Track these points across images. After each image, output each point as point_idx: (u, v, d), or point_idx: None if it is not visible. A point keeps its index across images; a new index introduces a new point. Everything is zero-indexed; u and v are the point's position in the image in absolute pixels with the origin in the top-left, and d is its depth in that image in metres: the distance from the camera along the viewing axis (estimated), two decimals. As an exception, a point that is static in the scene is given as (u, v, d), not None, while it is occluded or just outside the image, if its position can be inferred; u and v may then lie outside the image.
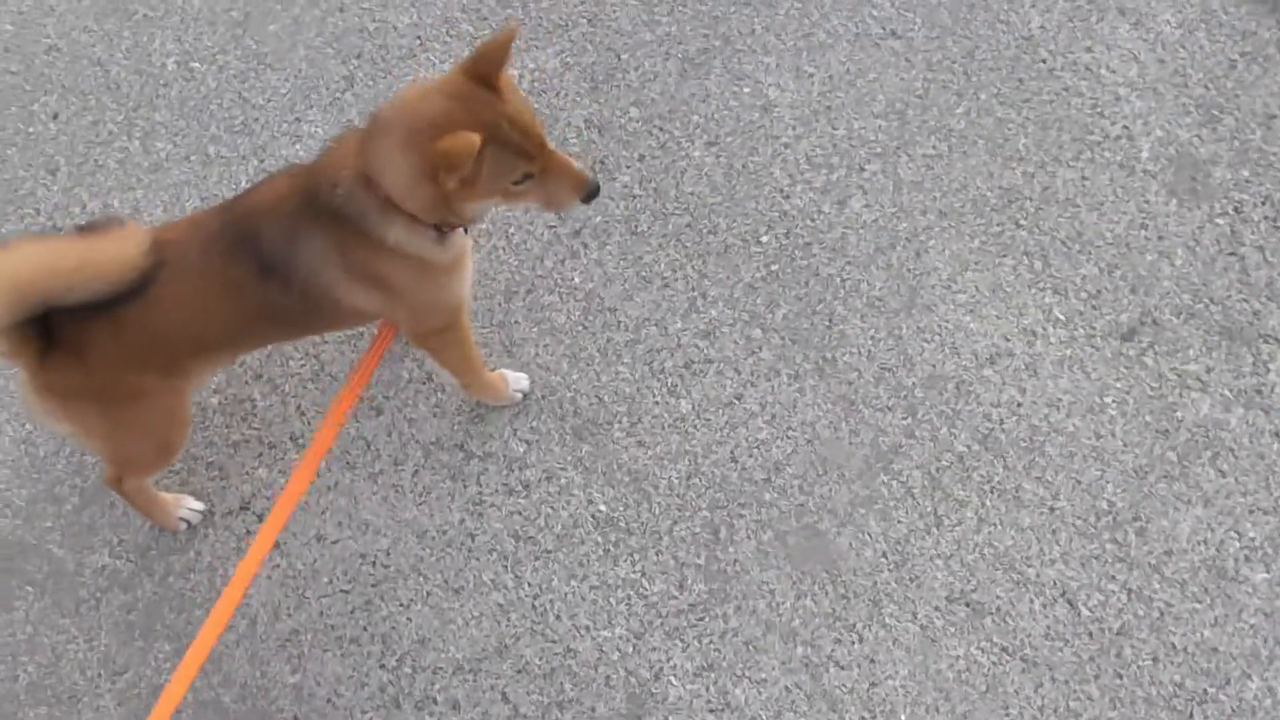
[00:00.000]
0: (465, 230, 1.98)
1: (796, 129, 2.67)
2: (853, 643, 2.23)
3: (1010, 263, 2.51)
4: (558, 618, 2.29)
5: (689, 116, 2.70)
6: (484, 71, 1.75)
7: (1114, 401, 2.37)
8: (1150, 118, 2.62)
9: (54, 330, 1.80)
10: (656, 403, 2.44)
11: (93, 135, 2.78)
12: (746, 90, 2.72)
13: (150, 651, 2.31)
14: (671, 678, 2.23)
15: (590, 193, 1.88)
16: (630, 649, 2.26)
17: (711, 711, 2.20)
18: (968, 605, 2.24)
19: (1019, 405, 2.38)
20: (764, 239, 2.57)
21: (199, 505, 2.37)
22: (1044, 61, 2.71)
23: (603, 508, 2.37)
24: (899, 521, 2.31)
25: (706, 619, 2.27)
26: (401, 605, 2.32)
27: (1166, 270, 2.47)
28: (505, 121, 1.74)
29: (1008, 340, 2.44)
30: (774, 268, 2.54)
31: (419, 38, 2.83)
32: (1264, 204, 2.51)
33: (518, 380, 2.42)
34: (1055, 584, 2.24)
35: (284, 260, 1.86)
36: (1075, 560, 2.26)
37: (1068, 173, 2.59)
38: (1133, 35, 2.72)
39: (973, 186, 2.59)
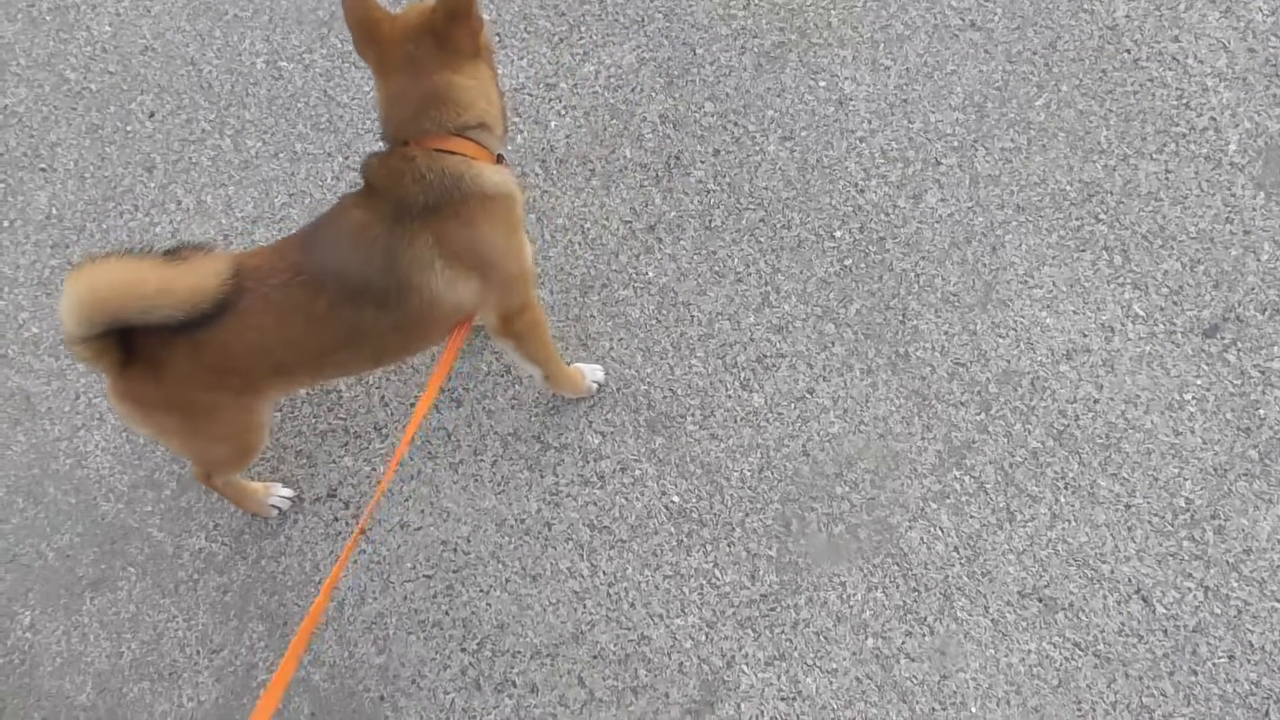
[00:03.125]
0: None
1: (872, 123, 2.67)
2: (924, 635, 2.25)
3: (1089, 258, 2.48)
4: (632, 606, 2.34)
5: (764, 111, 2.71)
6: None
7: (1194, 398, 2.34)
8: (1239, 109, 2.57)
9: (134, 343, 1.87)
10: (729, 396, 2.47)
11: (187, 133, 2.89)
12: (822, 84, 2.73)
13: (244, 631, 2.42)
14: (743, 666, 2.27)
15: None
16: (703, 637, 2.30)
17: (783, 700, 2.24)
18: (1040, 600, 2.24)
19: (1095, 401, 2.36)
20: (838, 234, 2.58)
21: (288, 492, 2.47)
22: (1128, 52, 2.66)
23: (676, 499, 2.41)
24: (971, 516, 2.32)
25: (778, 609, 2.30)
26: (481, 591, 2.39)
27: (1252, 265, 2.43)
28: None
29: (1085, 336, 2.42)
30: (847, 262, 2.55)
31: (497, 34, 2.89)
32: (1355, 196, 2.45)
33: (593, 372, 2.47)
34: (1130, 580, 2.23)
35: (381, 279, 1.91)
36: (1151, 557, 2.24)
37: (1151, 166, 2.55)
38: (1222, 23, 2.66)
39: (1052, 180, 2.56)
